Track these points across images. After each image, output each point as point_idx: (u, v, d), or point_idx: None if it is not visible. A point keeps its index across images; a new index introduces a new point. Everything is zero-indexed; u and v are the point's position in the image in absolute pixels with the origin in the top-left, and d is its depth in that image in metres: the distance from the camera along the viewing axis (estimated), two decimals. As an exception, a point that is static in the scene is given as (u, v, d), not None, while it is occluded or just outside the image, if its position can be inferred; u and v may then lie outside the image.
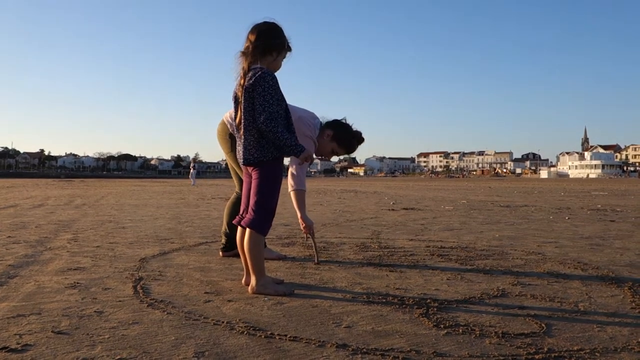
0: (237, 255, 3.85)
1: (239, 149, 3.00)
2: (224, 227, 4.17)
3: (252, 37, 2.93)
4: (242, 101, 2.90)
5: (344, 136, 3.88)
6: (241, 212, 3.11)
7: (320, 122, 3.90)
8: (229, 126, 3.95)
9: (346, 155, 4.05)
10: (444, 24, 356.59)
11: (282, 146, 2.84)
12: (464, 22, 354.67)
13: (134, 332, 2.22)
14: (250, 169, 2.99)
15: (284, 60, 3.08)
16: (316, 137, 3.80)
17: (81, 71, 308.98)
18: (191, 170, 31.96)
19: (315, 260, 3.91)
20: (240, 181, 3.97)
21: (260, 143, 2.88)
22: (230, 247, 4.15)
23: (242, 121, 2.92)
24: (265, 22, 2.99)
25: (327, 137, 3.86)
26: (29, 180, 44.32)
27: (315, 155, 3.88)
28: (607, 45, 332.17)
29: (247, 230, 2.95)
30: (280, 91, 2.92)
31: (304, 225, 3.80)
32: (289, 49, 3.05)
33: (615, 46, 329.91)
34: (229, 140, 3.98)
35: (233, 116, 3.45)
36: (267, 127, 2.80)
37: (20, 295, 2.86)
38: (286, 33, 3.02)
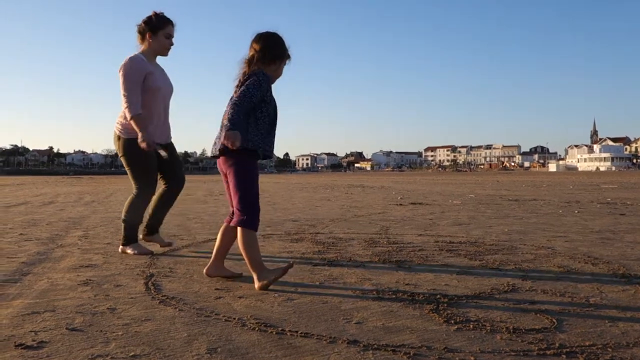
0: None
1: (216, 141, 3.12)
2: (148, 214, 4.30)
3: (257, 47, 3.07)
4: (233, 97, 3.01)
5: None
6: (230, 213, 3.22)
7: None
8: None
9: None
10: (451, 17, 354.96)
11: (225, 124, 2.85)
12: (471, 15, 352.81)
13: (147, 329, 2.24)
14: (225, 167, 3.08)
15: (285, 67, 3.20)
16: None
17: (89, 68, 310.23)
18: None
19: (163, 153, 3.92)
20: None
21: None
22: (150, 232, 4.33)
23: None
24: (268, 32, 3.11)
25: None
26: (39, 178, 44.58)
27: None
28: (616, 37, 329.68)
29: (238, 229, 3.04)
30: (268, 92, 3.03)
31: (145, 141, 3.86)
32: (289, 57, 3.18)
33: (625, 37, 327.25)
34: None
35: None
36: (229, 107, 2.87)
37: (34, 292, 2.89)
38: (287, 42, 3.15)
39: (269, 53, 3.06)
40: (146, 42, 4.06)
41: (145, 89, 3.99)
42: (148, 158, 4.06)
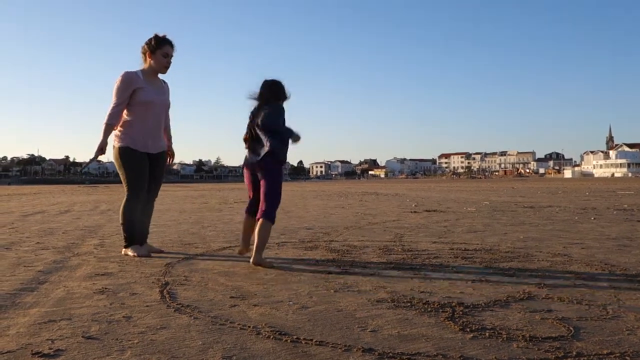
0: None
1: (250, 155, 4.17)
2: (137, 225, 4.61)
3: (263, 91, 4.16)
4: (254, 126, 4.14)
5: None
6: (249, 205, 4.31)
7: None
8: None
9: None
10: (464, 21, 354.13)
11: (284, 131, 4.05)
12: (483, 18, 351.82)
13: (162, 337, 2.25)
14: (259, 175, 4.11)
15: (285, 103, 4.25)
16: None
17: (104, 77, 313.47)
18: None
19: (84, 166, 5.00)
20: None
21: (263, 150, 4.06)
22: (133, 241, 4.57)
23: (253, 137, 4.14)
24: (272, 80, 4.20)
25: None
26: (55, 187, 45.07)
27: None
28: (631, 40, 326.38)
29: (262, 219, 3.99)
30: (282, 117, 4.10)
31: (98, 146, 4.42)
32: (288, 97, 4.22)
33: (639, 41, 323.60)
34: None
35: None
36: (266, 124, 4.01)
37: (50, 300, 2.92)
38: (287, 84, 4.23)
39: (271, 95, 4.13)
40: (145, 62, 4.55)
41: (136, 102, 4.45)
42: (139, 164, 4.50)
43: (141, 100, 4.44)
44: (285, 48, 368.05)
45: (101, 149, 4.40)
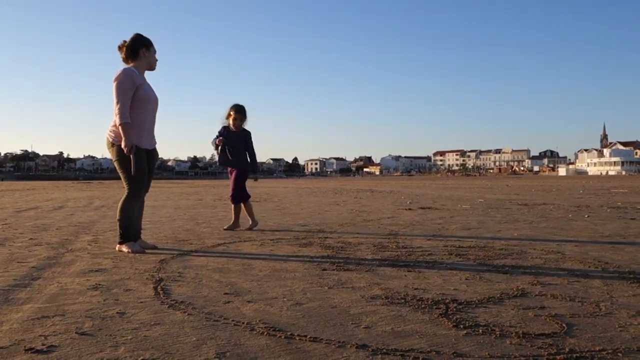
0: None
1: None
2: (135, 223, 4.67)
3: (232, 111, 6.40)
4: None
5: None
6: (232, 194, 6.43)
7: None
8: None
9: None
10: (458, 21, 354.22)
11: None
12: (478, 18, 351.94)
13: (156, 333, 2.25)
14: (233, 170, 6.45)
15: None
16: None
17: (99, 73, 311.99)
18: None
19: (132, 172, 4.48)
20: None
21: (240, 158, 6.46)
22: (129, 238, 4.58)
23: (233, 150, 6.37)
24: (238, 104, 6.46)
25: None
26: (49, 183, 44.91)
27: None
28: (626, 39, 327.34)
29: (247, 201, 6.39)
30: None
31: (127, 147, 4.37)
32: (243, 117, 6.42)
33: (635, 39, 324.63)
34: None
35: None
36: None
37: (44, 297, 2.91)
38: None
39: (242, 116, 6.43)
40: (139, 58, 4.60)
41: (136, 98, 4.46)
42: (141, 161, 4.50)
43: (141, 97, 4.48)
44: (279, 45, 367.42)
45: (131, 147, 4.36)
